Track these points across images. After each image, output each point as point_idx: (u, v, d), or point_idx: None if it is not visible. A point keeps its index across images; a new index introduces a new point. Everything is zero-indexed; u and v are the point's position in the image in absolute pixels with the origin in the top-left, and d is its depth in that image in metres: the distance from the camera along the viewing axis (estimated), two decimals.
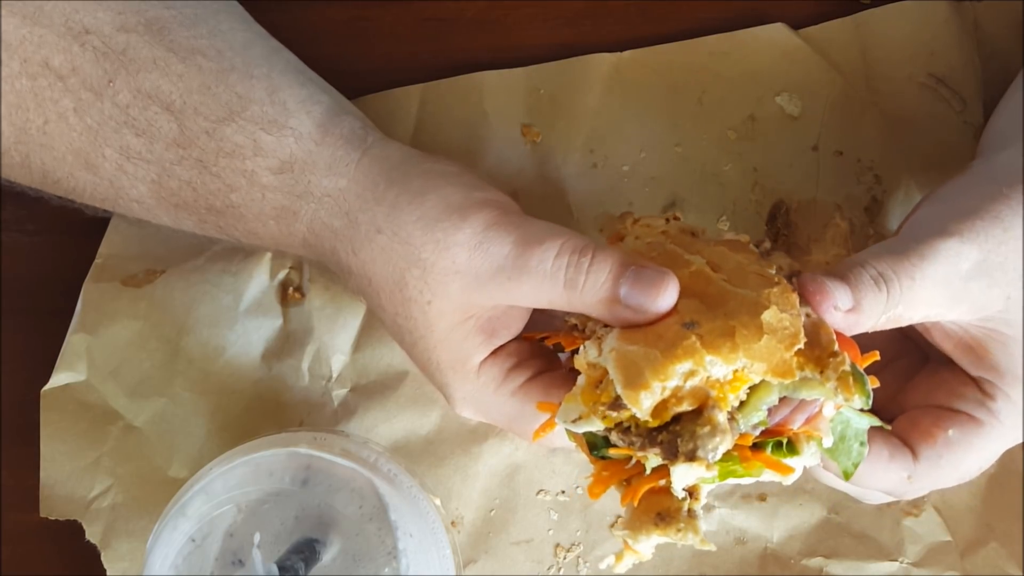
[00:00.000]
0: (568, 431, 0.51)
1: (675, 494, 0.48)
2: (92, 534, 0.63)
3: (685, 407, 0.46)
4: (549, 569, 0.64)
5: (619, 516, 0.63)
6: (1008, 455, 0.63)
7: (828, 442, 0.50)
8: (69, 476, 0.63)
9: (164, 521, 0.55)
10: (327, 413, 0.65)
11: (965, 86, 0.67)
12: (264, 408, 0.65)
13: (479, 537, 0.64)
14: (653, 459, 0.47)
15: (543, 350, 0.57)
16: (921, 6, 0.68)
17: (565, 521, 0.64)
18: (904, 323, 0.51)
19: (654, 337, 0.48)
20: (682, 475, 0.47)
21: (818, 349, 0.48)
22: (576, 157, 0.67)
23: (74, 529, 0.63)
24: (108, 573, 0.62)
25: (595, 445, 0.50)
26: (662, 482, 0.48)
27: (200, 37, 0.56)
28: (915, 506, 0.63)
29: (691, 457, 0.46)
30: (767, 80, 0.68)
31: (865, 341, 0.52)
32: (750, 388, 0.48)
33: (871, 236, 0.66)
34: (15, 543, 0.65)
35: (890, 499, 0.56)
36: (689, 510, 0.48)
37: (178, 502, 0.55)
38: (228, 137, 0.55)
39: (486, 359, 0.54)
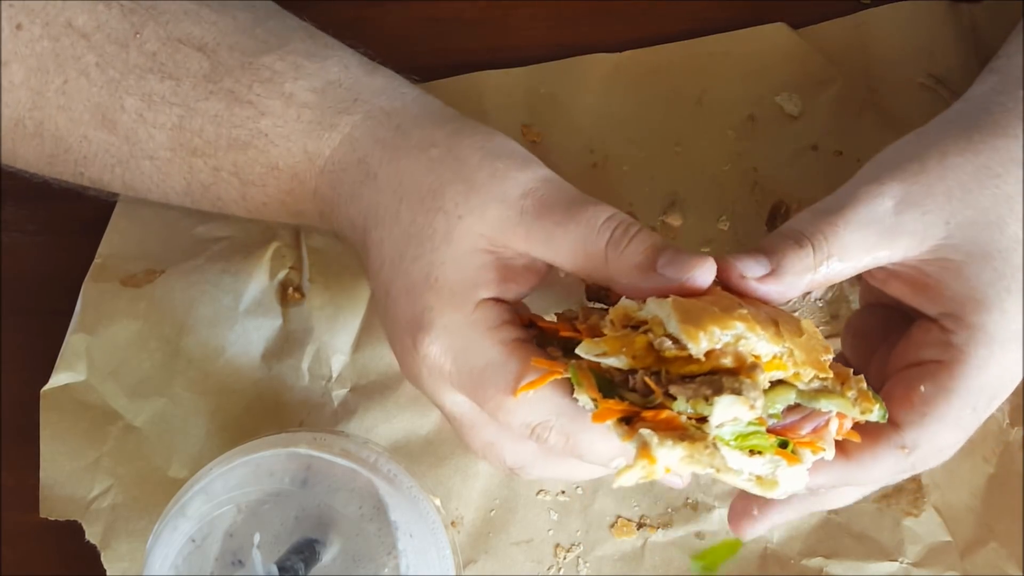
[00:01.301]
0: (573, 374, 0.49)
1: (706, 429, 0.46)
2: (92, 534, 0.63)
3: (728, 362, 0.46)
4: (549, 569, 0.64)
5: (619, 516, 0.64)
6: (1008, 455, 0.63)
7: (830, 455, 0.49)
8: (69, 476, 0.63)
9: (164, 521, 0.55)
10: (327, 413, 0.65)
11: (964, 87, 0.67)
12: (264, 408, 0.65)
13: (479, 537, 0.64)
14: (681, 404, 0.45)
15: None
16: (920, 6, 0.68)
17: (565, 521, 0.64)
18: (848, 273, 0.51)
19: (708, 302, 0.47)
20: (724, 410, 0.45)
21: (835, 368, 0.49)
22: (576, 157, 0.67)
23: (74, 529, 0.63)
24: (108, 573, 0.62)
25: (602, 389, 0.48)
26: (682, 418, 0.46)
27: None
28: (915, 506, 0.63)
29: (737, 391, 0.45)
30: (767, 80, 0.68)
31: (857, 327, 0.52)
32: (772, 383, 0.47)
33: None
34: (15, 543, 0.65)
35: (901, 477, 0.54)
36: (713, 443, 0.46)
37: (178, 502, 0.55)
38: (267, 65, 0.54)
39: (488, 299, 0.52)
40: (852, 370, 0.49)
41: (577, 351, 0.48)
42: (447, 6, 0.69)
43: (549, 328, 0.53)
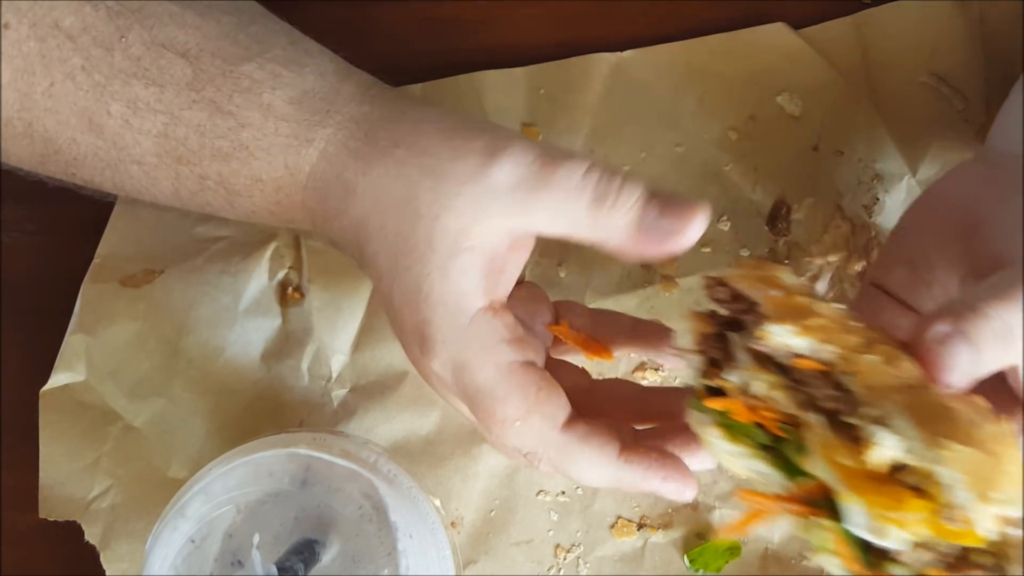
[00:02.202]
0: (819, 539, 0.41)
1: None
2: (91, 535, 0.63)
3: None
4: (549, 570, 0.64)
5: (619, 516, 0.64)
6: None
7: None
8: (68, 477, 0.63)
9: (163, 522, 0.55)
10: (327, 413, 0.65)
11: (967, 84, 0.67)
12: (263, 408, 0.65)
13: (479, 538, 0.64)
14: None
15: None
16: (922, 5, 0.68)
17: (565, 522, 0.64)
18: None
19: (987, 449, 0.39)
20: None
21: None
22: None
23: (73, 530, 0.63)
24: (107, 574, 0.62)
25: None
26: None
27: None
28: None
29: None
30: (768, 80, 0.68)
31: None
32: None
33: (872, 236, 0.66)
34: (15, 543, 0.65)
35: None
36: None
37: (177, 503, 0.55)
38: (246, 74, 0.53)
39: (484, 311, 0.50)
40: None
41: (849, 528, 0.39)
42: (447, 6, 0.69)
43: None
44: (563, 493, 0.64)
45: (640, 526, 0.64)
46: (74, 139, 0.55)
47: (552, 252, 0.66)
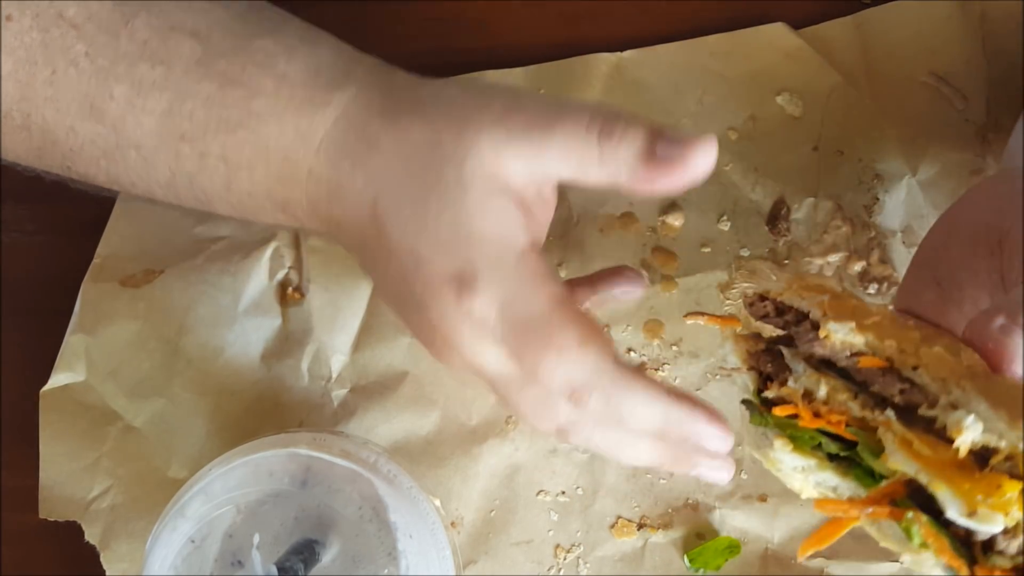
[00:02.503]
0: (911, 532, 0.41)
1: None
2: (91, 535, 0.63)
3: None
4: (549, 570, 0.63)
5: (619, 516, 0.64)
6: None
7: None
8: (68, 477, 0.63)
9: (163, 522, 0.55)
10: (326, 413, 0.65)
11: (967, 84, 0.67)
12: (263, 408, 0.65)
13: (479, 538, 0.64)
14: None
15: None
16: (922, 5, 0.68)
17: (565, 522, 0.64)
18: None
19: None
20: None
21: None
22: None
23: (73, 530, 0.63)
24: (107, 574, 0.62)
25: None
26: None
27: None
28: None
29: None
30: (768, 80, 0.68)
31: None
32: None
33: (872, 237, 0.66)
34: (15, 544, 0.65)
35: None
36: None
37: (177, 503, 0.55)
38: (260, 48, 0.53)
39: (529, 248, 0.49)
40: None
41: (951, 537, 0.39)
42: (447, 6, 0.69)
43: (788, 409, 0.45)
44: (563, 493, 0.64)
45: (640, 526, 0.64)
46: (72, 127, 0.55)
47: (553, 252, 0.66)
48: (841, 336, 0.42)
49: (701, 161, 0.47)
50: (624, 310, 0.65)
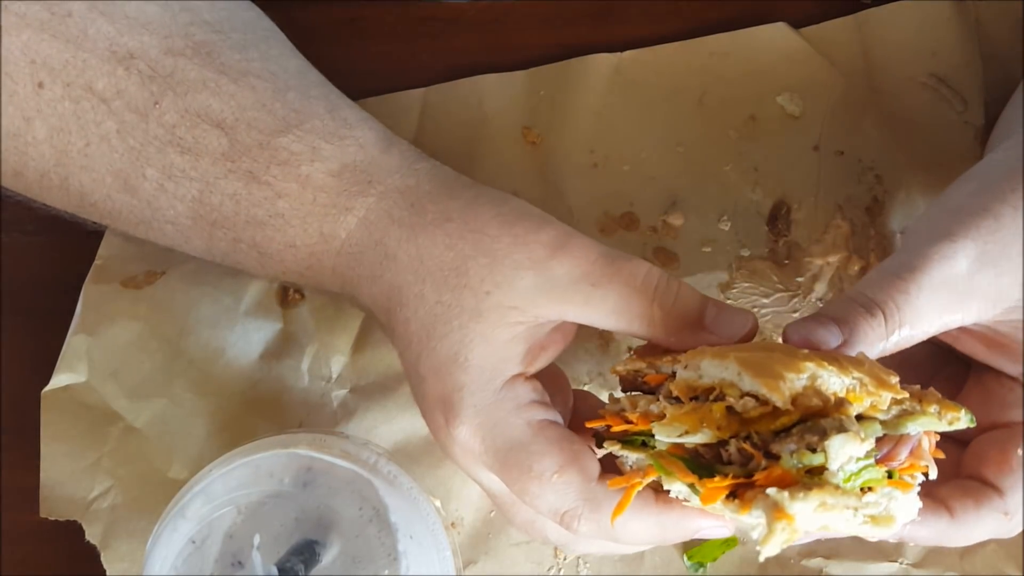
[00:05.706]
0: (657, 466, 0.47)
1: (830, 473, 0.43)
2: (92, 535, 0.63)
3: (816, 404, 0.44)
4: (549, 570, 0.64)
5: None
6: None
7: (934, 473, 0.47)
8: (69, 477, 0.63)
9: (164, 522, 0.55)
10: (327, 414, 0.65)
11: (966, 86, 0.67)
12: (264, 409, 0.65)
13: (479, 538, 0.64)
14: (788, 459, 0.44)
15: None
16: (922, 6, 0.68)
17: None
18: (919, 339, 0.49)
19: (761, 350, 0.46)
20: (839, 450, 0.43)
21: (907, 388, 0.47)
22: (576, 157, 0.67)
23: (74, 530, 0.63)
24: (108, 574, 0.62)
25: (695, 471, 0.46)
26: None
27: (252, 60, 0.55)
28: None
29: (841, 429, 0.43)
30: (768, 80, 0.68)
31: (903, 357, 0.50)
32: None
33: (872, 236, 0.66)
34: (15, 543, 0.65)
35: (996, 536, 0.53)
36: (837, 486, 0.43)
37: (178, 503, 0.55)
38: (284, 147, 0.54)
39: (515, 376, 0.51)
40: (919, 385, 0.47)
41: (656, 435, 0.46)
42: (447, 6, 0.69)
43: (601, 427, 0.51)
44: None
45: None
46: (109, 196, 0.56)
47: None
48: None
49: (750, 326, 0.50)
50: None
